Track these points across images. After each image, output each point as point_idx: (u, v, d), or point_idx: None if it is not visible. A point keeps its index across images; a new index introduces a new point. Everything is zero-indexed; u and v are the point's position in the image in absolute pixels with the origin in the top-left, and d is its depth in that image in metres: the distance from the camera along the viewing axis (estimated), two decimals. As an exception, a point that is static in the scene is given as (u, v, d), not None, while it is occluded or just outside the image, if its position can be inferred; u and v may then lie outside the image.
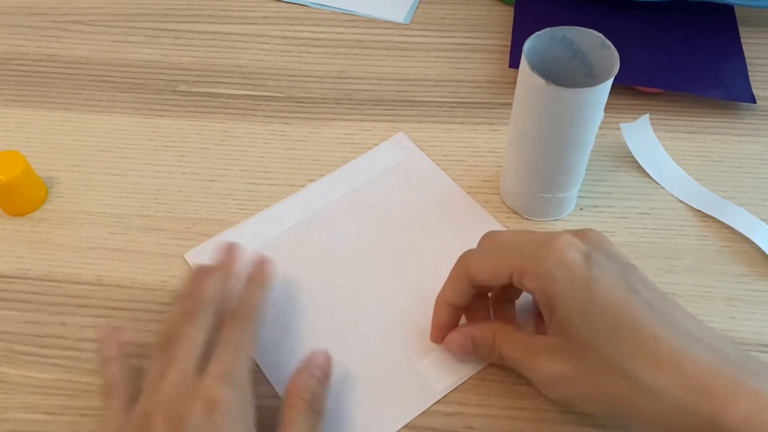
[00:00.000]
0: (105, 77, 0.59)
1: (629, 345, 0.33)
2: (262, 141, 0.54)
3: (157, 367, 0.37)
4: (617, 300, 0.34)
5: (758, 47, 0.59)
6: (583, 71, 0.43)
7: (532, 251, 0.36)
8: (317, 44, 0.61)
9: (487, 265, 0.38)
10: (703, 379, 0.31)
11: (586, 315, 0.34)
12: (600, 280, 0.34)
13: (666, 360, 0.32)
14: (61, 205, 0.51)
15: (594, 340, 0.34)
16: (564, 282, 0.34)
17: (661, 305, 0.34)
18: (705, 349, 0.32)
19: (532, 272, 0.36)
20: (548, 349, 0.36)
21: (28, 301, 0.46)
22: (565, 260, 0.35)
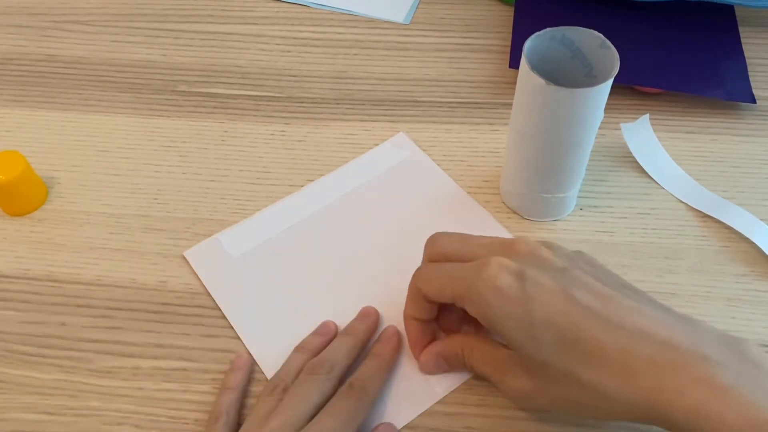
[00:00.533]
0: (105, 77, 0.59)
1: (576, 355, 0.33)
2: (262, 141, 0.54)
3: (263, 412, 0.38)
4: (556, 314, 0.34)
5: (758, 47, 0.59)
6: (583, 71, 0.43)
7: (467, 278, 0.36)
8: (317, 44, 0.61)
9: (433, 288, 0.39)
10: (651, 376, 0.32)
11: (529, 335, 0.34)
12: (535, 299, 0.34)
13: (613, 363, 0.33)
14: (61, 205, 0.51)
15: (543, 356, 0.34)
16: (501, 309, 0.35)
17: (601, 304, 0.34)
18: (650, 342, 0.32)
19: (470, 299, 0.36)
20: (512, 365, 0.37)
21: (28, 301, 0.46)
22: (498, 287, 0.35)
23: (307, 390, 0.38)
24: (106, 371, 0.43)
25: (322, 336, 0.43)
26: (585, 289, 0.35)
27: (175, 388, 0.42)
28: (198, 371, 0.43)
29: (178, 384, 0.42)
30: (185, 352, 0.44)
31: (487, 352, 0.39)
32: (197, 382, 0.42)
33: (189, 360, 0.43)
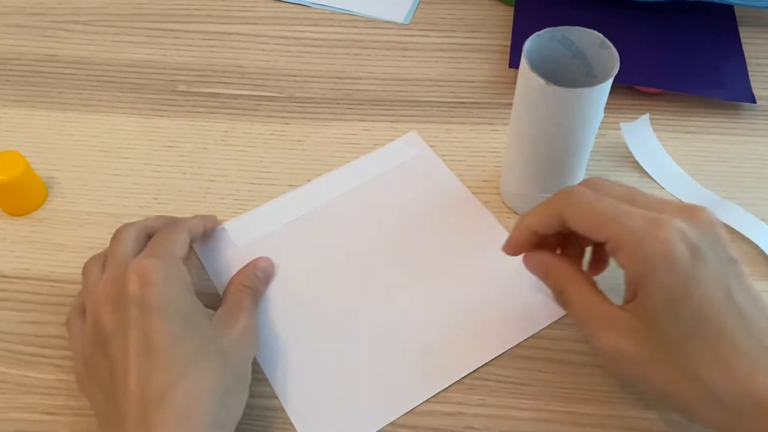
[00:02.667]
0: (105, 77, 0.59)
1: (709, 351, 0.33)
2: (262, 141, 0.54)
3: (95, 273, 0.41)
4: (711, 304, 0.33)
5: (758, 47, 0.59)
6: (583, 71, 0.43)
7: (637, 227, 0.33)
8: (317, 44, 0.61)
9: (584, 220, 0.35)
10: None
11: (675, 312, 0.33)
12: (700, 281, 0.33)
13: (741, 374, 0.32)
14: (61, 205, 0.51)
15: (676, 336, 0.33)
16: (663, 275, 0.33)
17: (753, 313, 0.33)
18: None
19: (632, 252, 0.33)
20: (622, 324, 0.35)
21: (28, 301, 0.46)
22: (671, 253, 0.32)
23: (120, 239, 0.42)
24: (106, 371, 0.43)
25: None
26: (744, 289, 0.34)
27: (175, 388, 0.42)
28: (198, 371, 0.43)
29: (178, 384, 0.42)
30: (185, 352, 0.44)
31: (593, 300, 0.37)
32: (197, 382, 0.42)
33: (189, 360, 0.43)
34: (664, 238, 0.33)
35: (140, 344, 0.36)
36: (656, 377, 0.34)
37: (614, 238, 0.34)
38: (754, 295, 0.34)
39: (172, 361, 0.36)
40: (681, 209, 0.35)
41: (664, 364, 0.33)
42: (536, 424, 0.40)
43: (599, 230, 0.35)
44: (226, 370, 0.37)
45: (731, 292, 0.33)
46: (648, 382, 0.35)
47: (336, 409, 0.41)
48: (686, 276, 0.32)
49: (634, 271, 0.34)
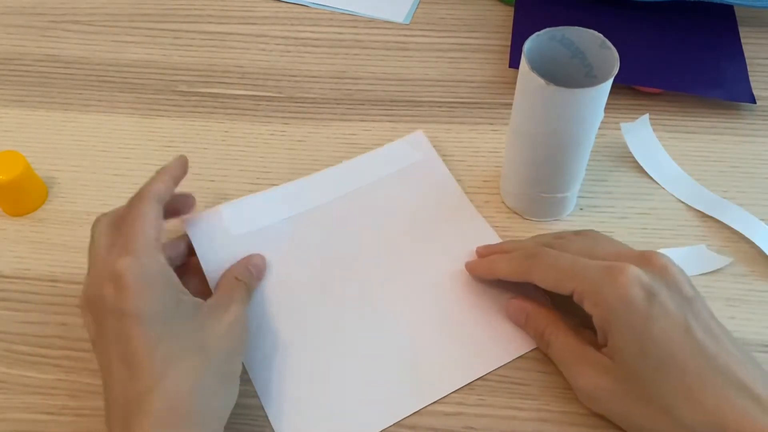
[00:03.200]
0: (105, 77, 0.59)
1: (677, 385, 0.35)
2: (262, 141, 0.54)
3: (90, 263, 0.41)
4: (671, 341, 0.35)
5: (758, 47, 0.59)
6: (583, 71, 0.43)
7: (596, 277, 0.37)
8: (317, 44, 0.61)
9: (549, 278, 0.39)
10: (743, 430, 0.33)
11: (641, 349, 0.36)
12: (658, 320, 0.35)
13: (709, 406, 0.34)
14: (61, 204, 0.51)
15: (645, 372, 0.36)
16: (623, 317, 0.36)
17: (713, 347, 0.35)
18: (747, 398, 0.34)
19: (593, 299, 0.37)
20: (598, 364, 0.38)
21: (28, 301, 0.46)
22: (627, 297, 0.36)
23: (93, 237, 0.41)
24: (106, 371, 0.43)
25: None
26: (702, 325, 0.36)
27: (175, 388, 0.42)
28: (198, 371, 0.43)
29: (178, 384, 0.42)
30: (185, 352, 0.44)
31: (571, 342, 0.40)
32: (197, 382, 0.42)
33: (189, 360, 0.43)
34: (620, 283, 0.36)
35: (119, 351, 0.36)
36: (631, 411, 0.37)
37: (577, 290, 0.38)
38: (713, 330, 0.36)
39: (151, 365, 0.35)
40: (636, 257, 0.38)
41: (638, 398, 0.36)
42: (536, 424, 0.40)
43: (564, 285, 0.38)
44: (210, 366, 0.36)
45: (690, 328, 0.36)
46: (624, 417, 0.38)
47: (319, 415, 0.41)
48: (644, 315, 0.35)
49: (599, 315, 0.37)
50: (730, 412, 0.34)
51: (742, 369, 0.35)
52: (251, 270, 0.45)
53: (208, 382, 0.36)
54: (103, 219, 0.42)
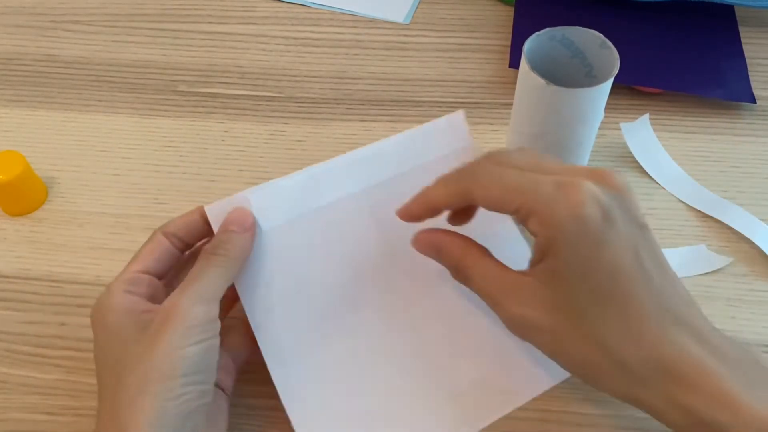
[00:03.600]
0: (105, 77, 0.59)
1: (617, 317, 0.32)
2: (261, 141, 0.54)
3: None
4: (620, 268, 0.32)
5: (758, 47, 0.59)
6: (583, 71, 0.43)
7: (547, 192, 0.32)
8: (317, 44, 0.61)
9: (492, 195, 0.34)
10: (680, 366, 0.32)
11: (584, 276, 0.32)
12: (610, 245, 0.32)
13: (647, 341, 0.32)
14: (61, 205, 0.51)
15: (583, 302, 0.32)
16: (573, 238, 0.32)
17: (661, 280, 0.33)
18: (686, 333, 0.32)
19: (543, 217, 0.32)
20: (528, 292, 0.34)
21: (28, 301, 0.46)
22: (582, 216, 0.32)
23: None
24: (106, 371, 0.43)
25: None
26: (652, 255, 0.33)
27: (175, 388, 0.42)
28: (198, 371, 0.43)
29: (178, 384, 0.42)
30: (185, 352, 0.44)
31: (494, 271, 0.36)
32: (197, 382, 0.42)
33: (189, 360, 0.43)
34: (576, 200, 0.32)
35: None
36: (563, 345, 0.34)
37: (525, 206, 0.33)
38: (661, 262, 0.34)
39: (101, 411, 0.35)
40: (591, 173, 0.34)
41: (571, 330, 0.33)
42: (536, 424, 0.40)
43: (509, 202, 0.33)
44: (170, 393, 0.33)
45: (640, 257, 0.32)
46: (556, 351, 0.34)
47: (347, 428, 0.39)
48: (597, 239, 0.32)
49: (545, 235, 0.32)
50: (668, 347, 0.32)
51: (683, 303, 0.33)
52: (232, 229, 0.38)
53: (169, 417, 0.33)
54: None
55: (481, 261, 0.36)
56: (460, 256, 0.37)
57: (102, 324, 0.36)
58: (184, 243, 0.39)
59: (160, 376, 0.33)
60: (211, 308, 0.35)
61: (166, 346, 0.33)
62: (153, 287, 0.38)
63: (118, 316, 0.35)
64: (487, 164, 0.35)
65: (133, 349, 0.34)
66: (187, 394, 0.33)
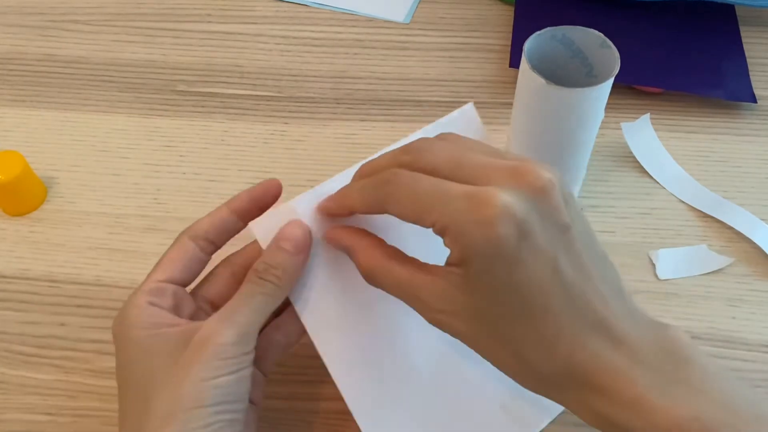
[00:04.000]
0: (104, 77, 0.59)
1: (532, 333, 0.31)
2: (261, 141, 0.54)
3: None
4: (535, 284, 0.31)
5: (759, 47, 0.59)
6: (584, 71, 0.43)
7: (458, 210, 0.30)
8: (317, 44, 0.61)
9: (406, 210, 0.32)
10: (593, 373, 0.31)
11: (498, 295, 0.31)
12: (525, 264, 0.30)
13: (561, 352, 0.31)
14: (61, 205, 0.51)
15: (499, 319, 0.32)
16: (487, 260, 0.30)
17: (580, 285, 0.31)
18: (603, 339, 0.31)
19: (455, 237, 0.31)
20: (441, 295, 0.32)
21: (28, 301, 0.46)
22: (494, 238, 0.30)
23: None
24: (106, 371, 0.43)
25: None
26: (573, 261, 0.32)
27: (175, 389, 0.42)
28: (197, 372, 0.43)
29: (177, 384, 0.42)
30: (185, 353, 0.43)
31: (402, 275, 0.34)
32: (197, 383, 0.42)
33: (188, 360, 0.43)
34: (487, 218, 0.30)
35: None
36: (482, 348, 0.33)
37: (438, 223, 0.31)
38: (585, 264, 0.32)
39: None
40: (508, 174, 0.31)
41: (487, 337, 0.32)
42: (536, 424, 0.40)
43: (423, 218, 0.32)
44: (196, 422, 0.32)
45: (558, 267, 0.31)
46: (477, 350, 0.33)
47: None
48: (511, 260, 0.30)
49: (459, 256, 0.31)
50: (581, 356, 0.31)
51: (606, 306, 0.32)
52: (284, 247, 0.35)
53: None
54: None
55: (389, 265, 0.34)
56: (367, 261, 0.35)
57: (126, 340, 0.34)
58: (213, 245, 0.38)
59: (189, 405, 0.32)
60: (250, 339, 0.34)
61: (198, 375, 0.32)
62: (178, 297, 0.36)
63: (143, 331, 0.34)
64: (401, 173, 0.33)
65: (161, 373, 0.33)
66: (217, 423, 0.32)
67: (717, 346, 0.43)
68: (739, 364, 0.43)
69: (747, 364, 0.43)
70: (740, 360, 0.43)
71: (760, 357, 0.43)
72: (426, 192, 0.32)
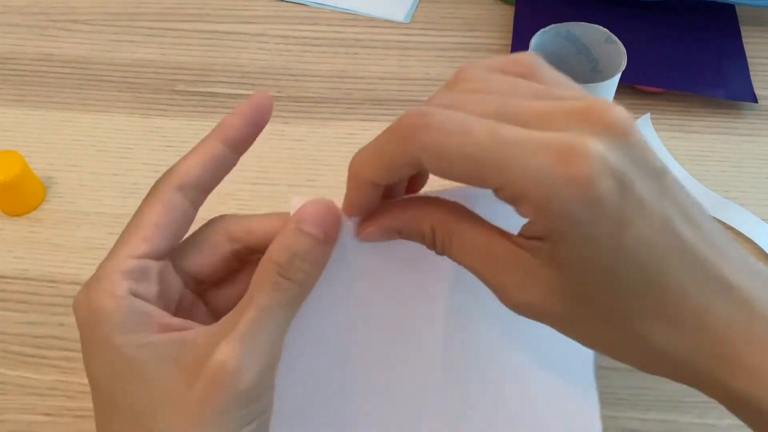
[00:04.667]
0: (103, 77, 0.59)
1: (651, 305, 0.26)
2: (261, 141, 0.54)
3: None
4: (648, 247, 0.25)
5: (760, 46, 0.59)
6: (588, 66, 0.43)
7: (541, 168, 0.23)
8: (317, 43, 0.61)
9: (455, 167, 0.25)
10: (726, 344, 0.26)
11: (605, 270, 0.25)
12: (633, 224, 0.24)
13: (686, 321, 0.26)
14: (60, 205, 0.51)
15: (608, 295, 0.26)
16: (589, 228, 0.24)
17: (693, 239, 0.26)
18: (732, 302, 0.26)
19: (541, 205, 0.24)
20: (527, 271, 0.26)
21: (27, 301, 0.46)
22: (595, 198, 0.23)
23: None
24: (105, 372, 0.43)
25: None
26: (679, 211, 0.26)
27: (175, 389, 0.42)
28: (197, 372, 0.43)
29: (177, 385, 0.42)
30: (184, 353, 0.43)
31: (473, 238, 0.27)
32: (196, 383, 0.42)
33: (188, 361, 0.43)
34: (582, 176, 0.23)
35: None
36: (583, 334, 0.28)
37: (510, 188, 0.24)
38: (692, 213, 0.26)
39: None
40: (580, 117, 0.24)
41: (592, 321, 0.27)
42: (538, 425, 0.40)
43: (483, 177, 0.24)
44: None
45: (668, 220, 0.25)
46: (574, 334, 0.28)
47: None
48: (617, 222, 0.24)
49: (546, 227, 0.25)
50: (713, 325, 0.26)
51: (724, 260, 0.26)
52: (311, 233, 0.27)
53: None
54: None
55: (459, 233, 0.27)
56: (429, 236, 0.28)
57: (103, 346, 0.27)
58: (204, 194, 0.30)
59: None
60: (273, 370, 0.27)
61: (220, 427, 0.26)
62: (164, 278, 0.29)
63: (127, 338, 0.27)
64: (438, 113, 0.25)
65: (165, 406, 0.26)
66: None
67: (718, 346, 0.43)
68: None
69: (748, 364, 0.42)
70: (742, 360, 0.43)
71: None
72: (486, 144, 0.24)
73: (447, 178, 0.25)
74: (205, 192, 0.30)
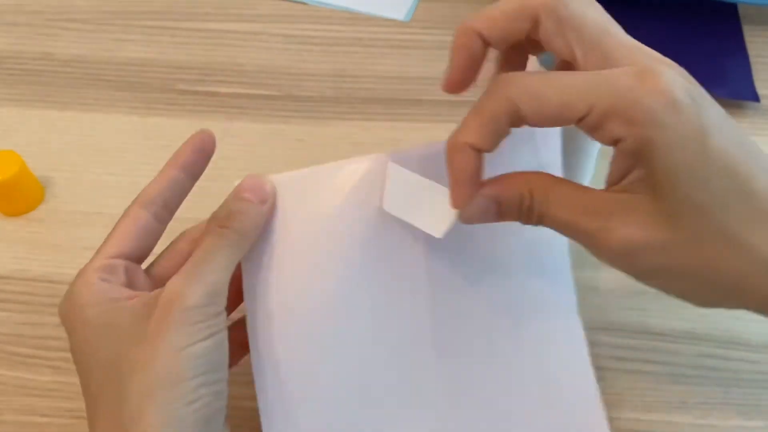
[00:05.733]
0: (102, 76, 0.59)
1: (745, 210, 0.27)
2: (261, 140, 0.54)
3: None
4: (730, 153, 0.27)
5: (762, 45, 0.59)
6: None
7: (625, 86, 0.27)
8: (317, 42, 0.60)
9: (551, 101, 0.28)
10: None
11: (697, 173, 0.27)
12: (712, 130, 0.27)
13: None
14: (58, 205, 0.51)
15: (704, 203, 0.27)
16: (674, 130, 0.27)
17: (759, 151, 0.29)
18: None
19: (628, 115, 0.27)
20: (624, 210, 0.28)
21: (25, 302, 0.46)
22: (675, 102, 0.27)
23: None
24: (104, 373, 0.43)
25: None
26: (740, 132, 0.29)
27: (174, 390, 0.42)
28: (196, 373, 0.42)
29: (176, 386, 0.42)
30: (183, 354, 0.43)
31: (571, 193, 0.30)
32: (196, 384, 0.42)
33: (187, 362, 0.43)
34: (663, 87, 0.27)
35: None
36: (686, 260, 0.28)
37: (598, 107, 0.27)
38: (740, 132, 0.29)
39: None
40: (650, 59, 0.29)
41: (694, 241, 0.28)
42: (538, 426, 0.40)
43: (574, 105, 0.27)
44: (177, 396, 0.29)
45: (739, 135, 0.28)
46: (676, 272, 0.29)
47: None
48: (698, 126, 0.27)
49: (637, 136, 0.27)
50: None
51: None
52: (246, 198, 0.33)
53: (188, 426, 0.29)
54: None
55: (553, 188, 0.30)
56: (527, 197, 0.30)
57: (79, 321, 0.31)
58: (167, 211, 0.35)
59: (168, 380, 0.28)
60: (220, 298, 0.30)
61: (171, 344, 0.29)
62: (131, 274, 0.33)
63: (99, 307, 0.30)
64: (520, 74, 0.30)
65: (129, 349, 0.29)
66: (203, 398, 0.29)
67: (719, 347, 0.43)
68: (741, 365, 0.42)
69: (749, 365, 0.42)
70: (742, 361, 0.42)
71: (763, 358, 0.42)
72: (573, 80, 0.28)
73: (539, 116, 0.28)
74: (166, 207, 0.35)
